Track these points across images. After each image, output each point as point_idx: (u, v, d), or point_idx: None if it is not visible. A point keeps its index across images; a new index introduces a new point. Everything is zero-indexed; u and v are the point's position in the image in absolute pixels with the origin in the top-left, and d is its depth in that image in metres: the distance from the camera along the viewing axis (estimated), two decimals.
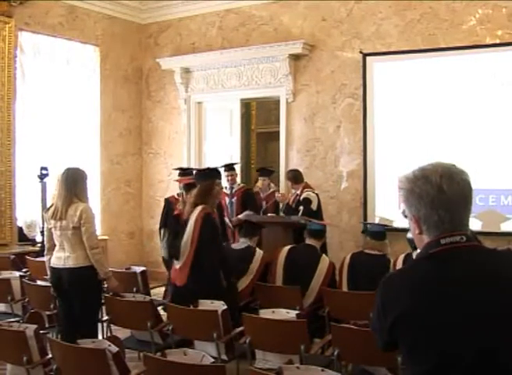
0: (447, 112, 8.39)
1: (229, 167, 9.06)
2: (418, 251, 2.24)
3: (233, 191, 9.06)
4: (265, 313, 5.11)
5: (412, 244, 5.48)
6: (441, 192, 2.07)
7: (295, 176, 8.61)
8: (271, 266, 6.59)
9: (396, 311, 2.06)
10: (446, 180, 2.08)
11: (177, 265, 6.04)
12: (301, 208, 8.14)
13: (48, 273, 5.77)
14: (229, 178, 9.03)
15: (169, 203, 8.47)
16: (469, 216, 2.14)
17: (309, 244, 6.64)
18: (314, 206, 8.26)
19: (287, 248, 6.67)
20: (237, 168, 9.49)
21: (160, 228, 8.46)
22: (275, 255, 6.62)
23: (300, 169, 8.91)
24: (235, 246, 7.01)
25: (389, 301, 2.11)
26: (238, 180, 9.48)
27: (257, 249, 6.81)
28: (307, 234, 6.73)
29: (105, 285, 5.84)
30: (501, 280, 2.05)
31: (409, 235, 5.38)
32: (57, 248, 5.61)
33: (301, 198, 8.34)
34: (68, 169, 5.69)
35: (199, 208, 6.03)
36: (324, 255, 6.57)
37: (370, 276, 5.82)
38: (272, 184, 9.48)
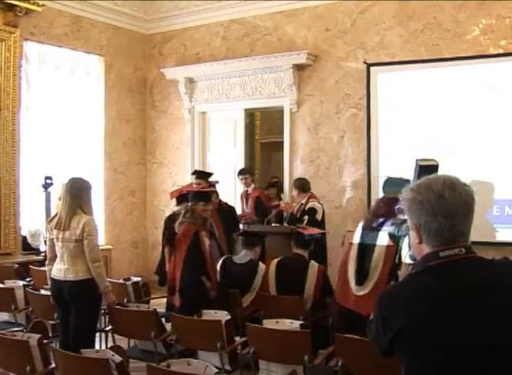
0: (451, 123, 8.39)
1: (241, 171, 9.52)
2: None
3: (248, 194, 9.47)
4: (269, 323, 5.10)
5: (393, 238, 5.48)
6: (442, 199, 2.08)
7: (302, 185, 8.58)
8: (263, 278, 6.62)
9: (396, 325, 2.06)
10: (448, 189, 2.09)
11: None
12: (306, 217, 8.12)
13: (49, 283, 5.76)
14: (243, 182, 9.47)
15: None
16: (470, 226, 2.14)
17: (297, 254, 6.67)
18: (319, 217, 8.24)
19: (276, 260, 6.72)
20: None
21: None
22: (266, 267, 6.67)
23: None
24: (237, 259, 6.95)
25: (389, 316, 2.11)
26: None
27: (260, 264, 6.77)
28: (295, 244, 6.77)
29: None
30: (501, 289, 2.05)
31: (390, 229, 5.45)
32: (58, 259, 5.58)
33: (307, 207, 8.31)
34: (72, 180, 5.68)
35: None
36: (312, 262, 6.62)
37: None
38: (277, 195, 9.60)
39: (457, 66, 8.30)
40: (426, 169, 5.46)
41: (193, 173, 8.96)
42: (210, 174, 8.78)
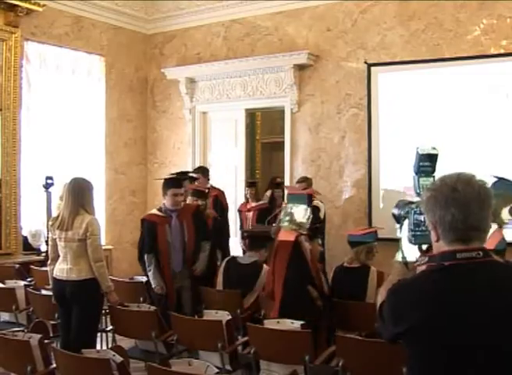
0: (452, 123, 8.37)
1: (249, 183, 9.66)
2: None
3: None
4: (270, 323, 5.10)
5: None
6: (454, 191, 2.09)
7: (310, 184, 8.57)
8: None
9: (404, 322, 2.06)
10: (462, 183, 2.10)
11: None
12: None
13: (50, 283, 5.76)
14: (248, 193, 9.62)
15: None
16: (486, 222, 2.13)
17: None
18: (321, 215, 8.25)
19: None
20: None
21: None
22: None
23: None
24: (241, 260, 6.81)
25: (399, 311, 2.11)
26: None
27: (264, 266, 6.62)
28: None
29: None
30: (510, 289, 2.05)
31: (394, 210, 5.39)
32: (60, 259, 5.59)
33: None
34: (74, 180, 5.68)
35: None
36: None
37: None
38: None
39: (458, 66, 8.29)
40: (426, 157, 5.47)
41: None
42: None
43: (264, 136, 13.35)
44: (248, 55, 10.06)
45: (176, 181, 6.66)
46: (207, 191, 7.83)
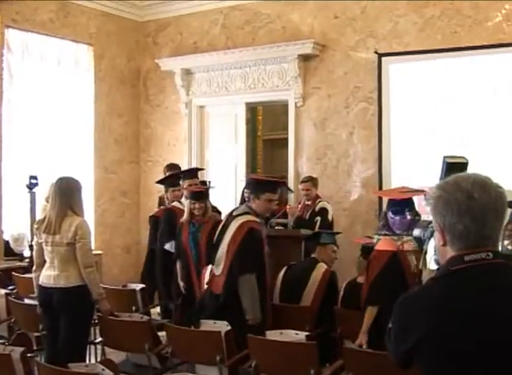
0: (470, 117, 8.34)
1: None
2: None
3: None
4: (272, 335, 5.10)
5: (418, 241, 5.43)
6: (470, 199, 2.06)
7: (316, 184, 8.57)
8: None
9: (415, 334, 2.06)
10: (478, 189, 2.08)
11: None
12: (318, 219, 8.10)
13: (36, 291, 5.76)
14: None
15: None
16: (499, 231, 2.13)
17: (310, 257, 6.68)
18: (330, 217, 8.25)
19: (285, 267, 6.69)
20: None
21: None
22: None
23: None
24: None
25: (408, 323, 2.11)
26: None
27: (321, 264, 6.54)
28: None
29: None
30: None
31: (416, 232, 5.36)
32: (47, 265, 5.59)
33: (317, 208, 8.29)
34: (61, 179, 5.69)
35: None
36: (321, 263, 6.52)
37: None
38: None
39: (477, 56, 8.25)
40: (454, 166, 5.44)
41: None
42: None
43: (266, 132, 13.33)
44: (249, 45, 10.05)
45: (272, 185, 6.18)
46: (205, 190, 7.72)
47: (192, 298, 6.75)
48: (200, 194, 7.09)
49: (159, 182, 8.49)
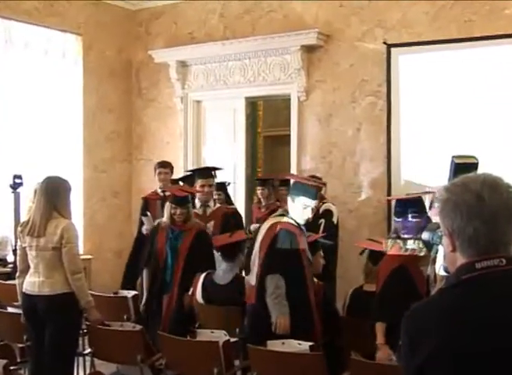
0: (486, 113, 8.31)
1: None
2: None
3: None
4: (274, 345, 5.08)
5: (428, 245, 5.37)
6: (480, 200, 2.05)
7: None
8: None
9: (426, 348, 2.03)
10: (488, 190, 2.06)
11: None
12: (322, 221, 8.09)
13: (20, 299, 5.74)
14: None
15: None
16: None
17: None
18: (335, 219, 8.24)
19: None
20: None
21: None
22: None
23: None
24: (217, 278, 6.52)
25: (417, 338, 2.09)
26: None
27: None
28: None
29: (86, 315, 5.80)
30: None
31: (424, 235, 5.28)
32: (31, 270, 5.57)
33: (321, 209, 8.27)
34: (48, 179, 5.68)
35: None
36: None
37: None
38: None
39: (494, 46, 8.21)
40: (463, 167, 5.43)
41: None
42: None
43: (266, 128, 13.35)
44: (248, 35, 10.04)
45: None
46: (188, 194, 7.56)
47: (154, 314, 6.60)
48: (183, 199, 6.85)
49: (181, 179, 8.57)
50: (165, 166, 8.95)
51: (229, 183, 9.14)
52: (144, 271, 6.93)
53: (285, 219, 5.74)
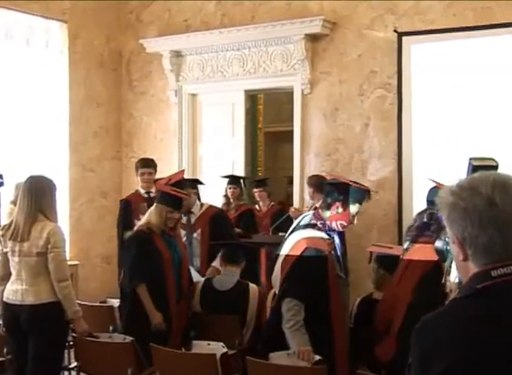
0: (505, 107, 8.32)
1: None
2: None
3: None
4: (276, 358, 5.07)
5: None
6: (492, 205, 2.03)
7: (320, 184, 8.56)
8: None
9: (438, 365, 2.02)
10: (500, 192, 2.04)
11: None
12: None
13: (0, 309, 5.73)
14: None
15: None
16: None
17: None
18: None
19: None
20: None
21: None
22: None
23: None
24: (217, 284, 6.53)
25: (429, 352, 2.06)
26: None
27: (251, 287, 6.52)
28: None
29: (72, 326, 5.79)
30: None
31: (437, 244, 5.27)
32: (13, 277, 5.57)
33: None
34: (31, 178, 5.68)
35: None
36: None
37: None
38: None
39: None
40: (482, 170, 5.42)
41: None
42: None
43: (268, 124, 13.38)
44: (248, 23, 10.05)
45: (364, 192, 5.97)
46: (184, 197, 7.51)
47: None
48: (181, 201, 6.71)
49: (194, 181, 8.63)
50: (149, 165, 8.90)
51: (245, 179, 9.54)
52: (141, 286, 6.26)
53: (313, 232, 5.63)
